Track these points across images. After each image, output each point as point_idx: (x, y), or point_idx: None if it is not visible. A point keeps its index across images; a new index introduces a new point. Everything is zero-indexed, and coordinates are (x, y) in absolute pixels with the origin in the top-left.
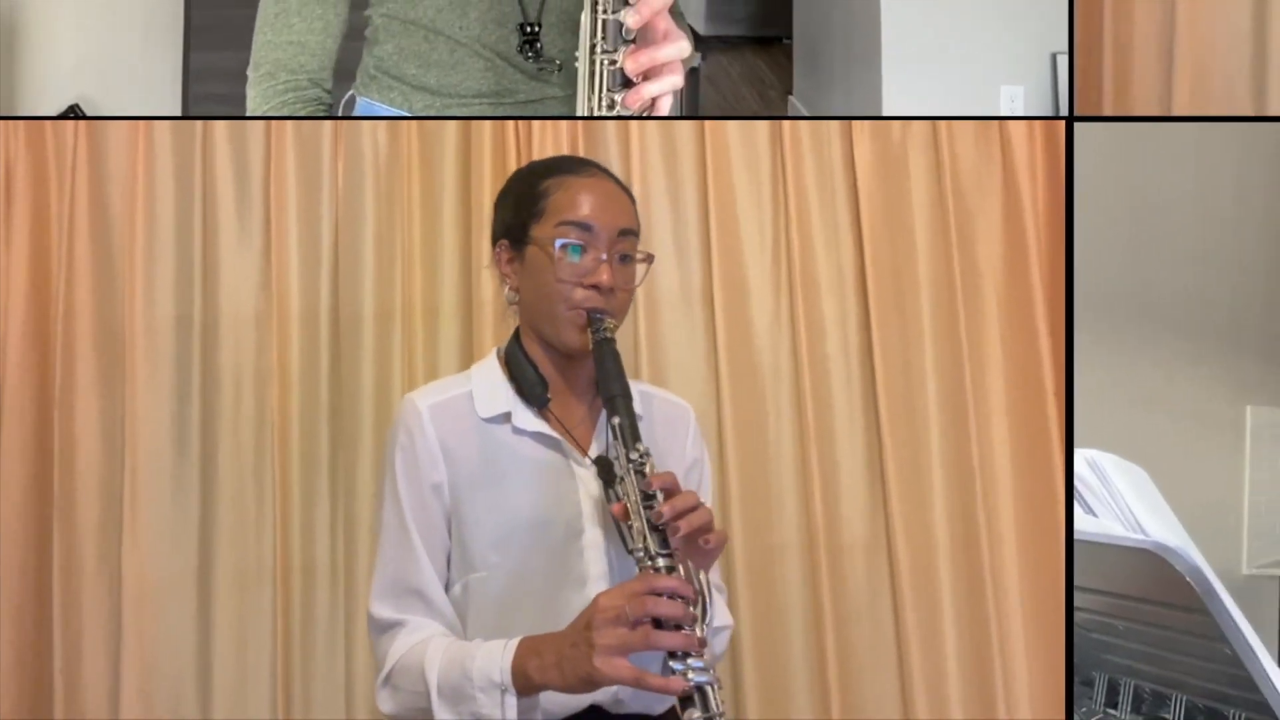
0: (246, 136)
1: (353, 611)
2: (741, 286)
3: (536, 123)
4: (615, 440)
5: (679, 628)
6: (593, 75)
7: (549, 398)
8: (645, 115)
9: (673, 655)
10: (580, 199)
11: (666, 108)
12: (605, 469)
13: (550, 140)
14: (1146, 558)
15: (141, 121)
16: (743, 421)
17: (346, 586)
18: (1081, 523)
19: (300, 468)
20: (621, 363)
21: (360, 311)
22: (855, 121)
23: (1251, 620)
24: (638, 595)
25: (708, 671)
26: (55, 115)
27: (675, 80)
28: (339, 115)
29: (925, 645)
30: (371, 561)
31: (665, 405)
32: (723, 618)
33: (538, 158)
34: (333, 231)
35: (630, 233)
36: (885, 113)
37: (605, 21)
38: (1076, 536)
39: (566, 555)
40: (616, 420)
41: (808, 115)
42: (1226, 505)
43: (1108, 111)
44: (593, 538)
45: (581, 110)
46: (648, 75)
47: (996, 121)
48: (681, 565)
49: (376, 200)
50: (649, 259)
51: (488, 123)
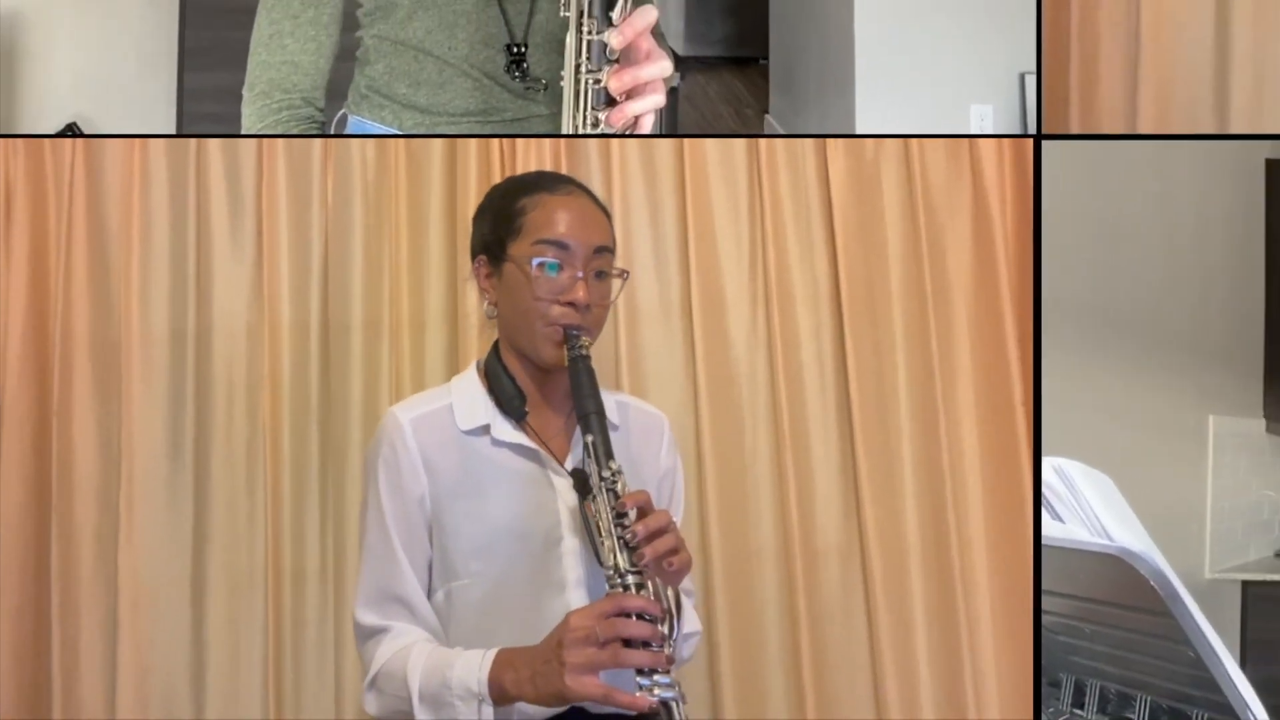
0: (239, 154)
1: (341, 614)
2: (719, 299)
3: (520, 140)
4: (589, 458)
5: (647, 645)
6: (578, 94)
7: (527, 411)
8: (629, 133)
9: (640, 671)
10: (556, 217)
11: (649, 125)
12: (581, 481)
13: (534, 157)
14: (1112, 562)
15: (137, 140)
16: (720, 430)
17: (336, 590)
18: (1049, 528)
19: (291, 474)
20: (596, 380)
21: (349, 323)
22: (829, 139)
23: (1214, 623)
24: (607, 616)
25: (673, 688)
26: (54, 134)
27: (658, 99)
28: (332, 133)
29: (897, 647)
30: (358, 569)
31: (640, 415)
32: (692, 624)
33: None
34: (322, 246)
35: (606, 249)
36: (858, 131)
37: (590, 42)
38: (1044, 542)
39: (546, 562)
40: (590, 438)
41: (783, 133)
42: (1189, 511)
43: (1074, 130)
44: (571, 545)
45: (567, 128)
46: (631, 94)
47: (966, 140)
48: (650, 583)
49: (365, 215)
50: (624, 275)
51: (473, 140)
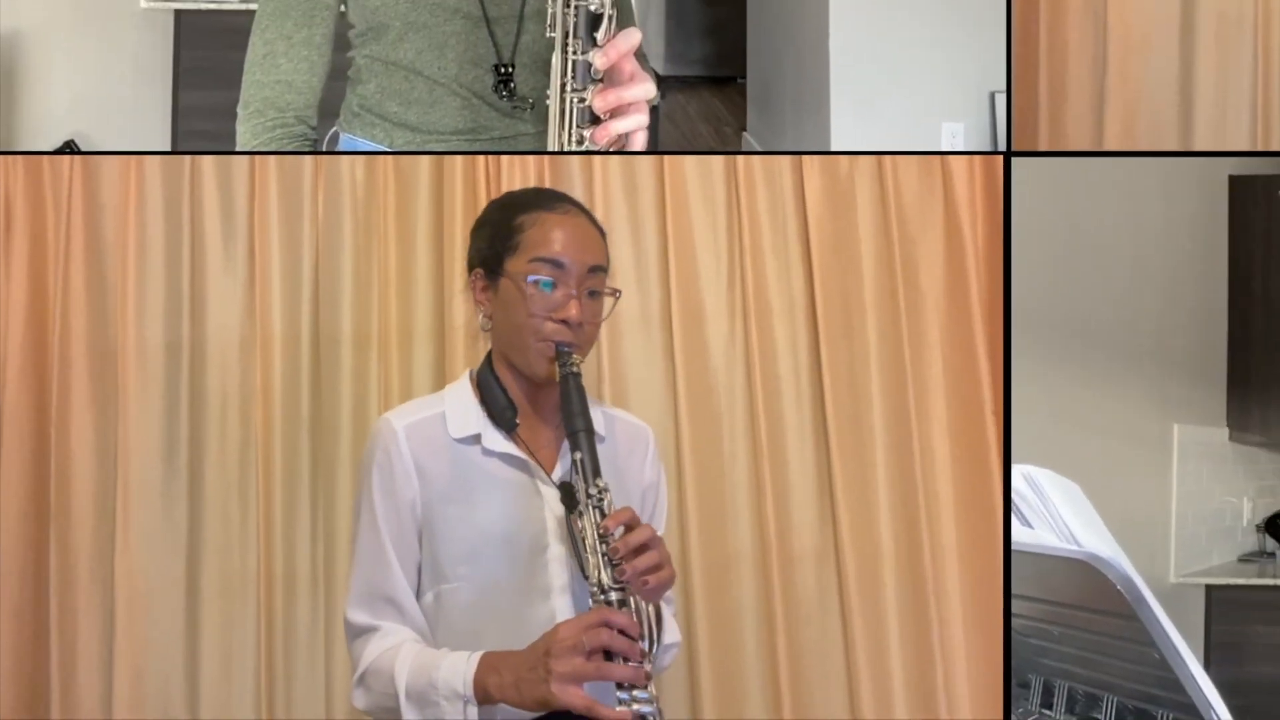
0: (232, 171)
1: (332, 617)
2: (698, 312)
3: (505, 157)
4: (576, 475)
5: (628, 660)
6: (563, 113)
7: (518, 422)
8: (614, 150)
9: (620, 686)
10: (553, 236)
11: (641, 143)
12: (568, 495)
13: (519, 174)
14: (1080, 567)
15: (133, 156)
16: (699, 438)
17: (326, 594)
18: (1018, 534)
19: (282, 482)
20: (586, 398)
21: (339, 335)
22: (805, 157)
23: (1178, 626)
24: (594, 627)
25: (652, 703)
26: (52, 150)
27: (641, 118)
28: (324, 150)
29: (871, 648)
30: (349, 570)
31: (626, 427)
32: (672, 635)
33: (507, 190)
34: (313, 260)
35: (600, 269)
36: (834, 148)
37: (575, 62)
38: (1014, 547)
39: (532, 568)
40: (578, 456)
41: (761, 151)
42: (1155, 518)
43: (1043, 147)
44: (556, 552)
45: (553, 145)
46: (615, 113)
47: (938, 157)
48: (632, 599)
49: (354, 231)
50: (616, 294)
51: (459, 157)
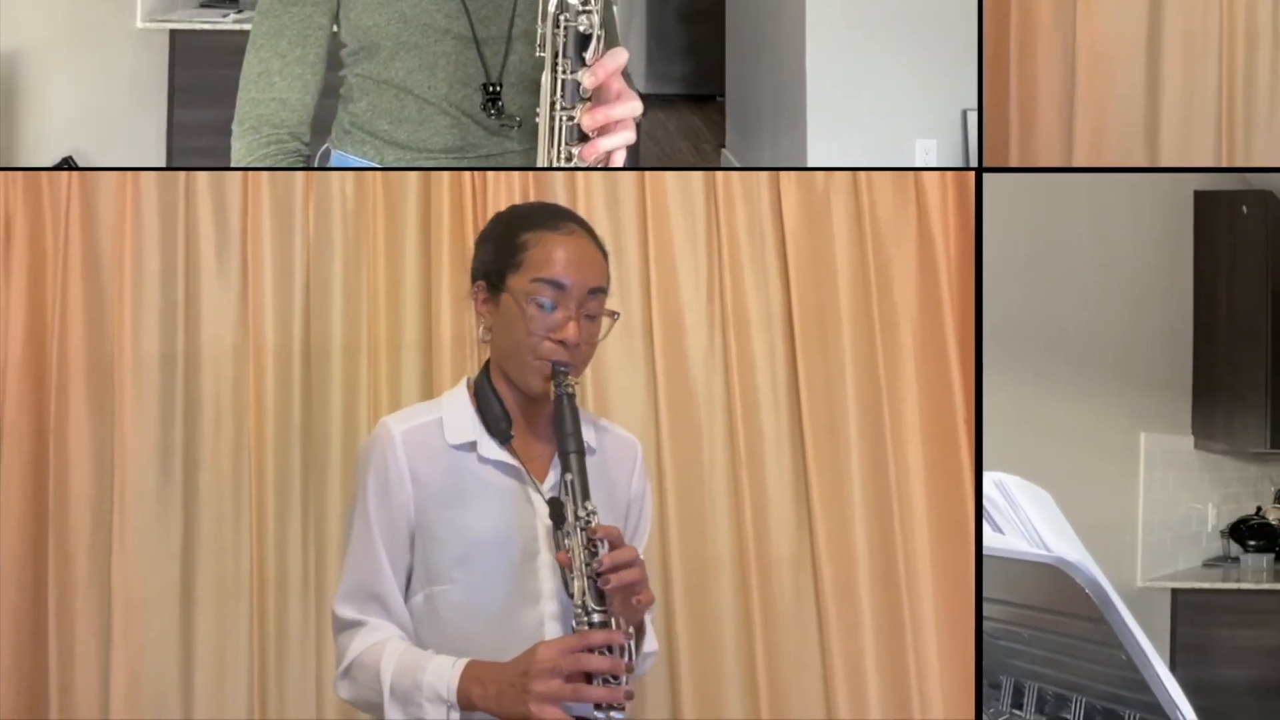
0: (225, 186)
1: (323, 620)
2: (679, 323)
3: (492, 174)
4: (566, 495)
5: (606, 680)
6: (552, 131)
7: (512, 434)
8: (596, 167)
9: (598, 705)
10: (556, 256)
11: (621, 160)
12: (556, 511)
13: (504, 190)
14: (1049, 571)
15: (129, 173)
16: (679, 446)
17: (317, 596)
18: (990, 539)
19: (274, 489)
20: (579, 418)
21: (329, 346)
22: (782, 173)
23: (1145, 629)
24: (573, 652)
25: None
26: (51, 167)
27: (628, 136)
28: (315, 166)
29: (846, 651)
30: (339, 575)
31: (616, 440)
32: (650, 644)
33: (492, 206)
34: (304, 274)
35: (600, 290)
36: (810, 165)
37: (564, 81)
38: (985, 552)
39: (522, 573)
40: (569, 477)
41: (739, 167)
42: (1122, 523)
43: (1014, 163)
44: (546, 559)
45: (542, 162)
46: (603, 131)
47: (912, 173)
48: (614, 620)
49: (344, 245)
50: (614, 316)
51: (446, 174)
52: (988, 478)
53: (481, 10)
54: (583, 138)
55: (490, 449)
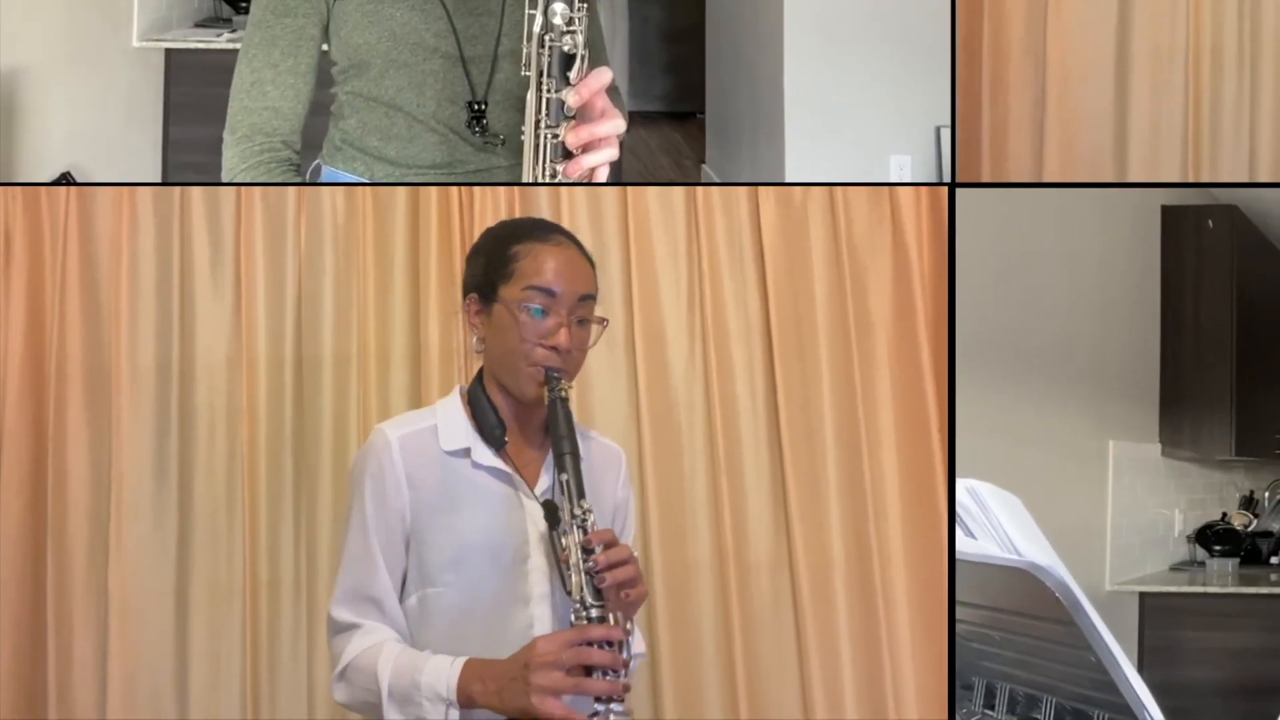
0: (219, 201)
1: (314, 623)
2: (660, 334)
3: (478, 189)
4: (562, 495)
5: (604, 674)
6: (537, 148)
7: (506, 440)
8: (580, 182)
9: (597, 698)
10: (546, 265)
11: (604, 176)
12: (551, 512)
13: (490, 205)
14: (1020, 575)
15: (126, 188)
16: (661, 454)
17: (308, 600)
18: (962, 544)
19: (266, 495)
20: (573, 422)
21: (320, 356)
22: (761, 188)
23: (1113, 631)
24: (572, 645)
25: (627, 715)
26: (49, 182)
27: (611, 153)
28: (306, 182)
29: (823, 652)
30: (330, 579)
31: (601, 448)
32: (638, 646)
33: (479, 221)
34: (296, 286)
35: (589, 297)
36: (788, 180)
37: (549, 100)
38: (958, 556)
39: (513, 577)
40: (565, 477)
41: (719, 182)
42: (1091, 528)
43: (986, 178)
44: (537, 563)
45: (527, 178)
46: (586, 148)
47: (886, 188)
48: (612, 615)
49: (335, 258)
50: (604, 323)
51: (434, 189)
52: (960, 484)
53: (469, 30)
54: (567, 155)
55: (484, 455)
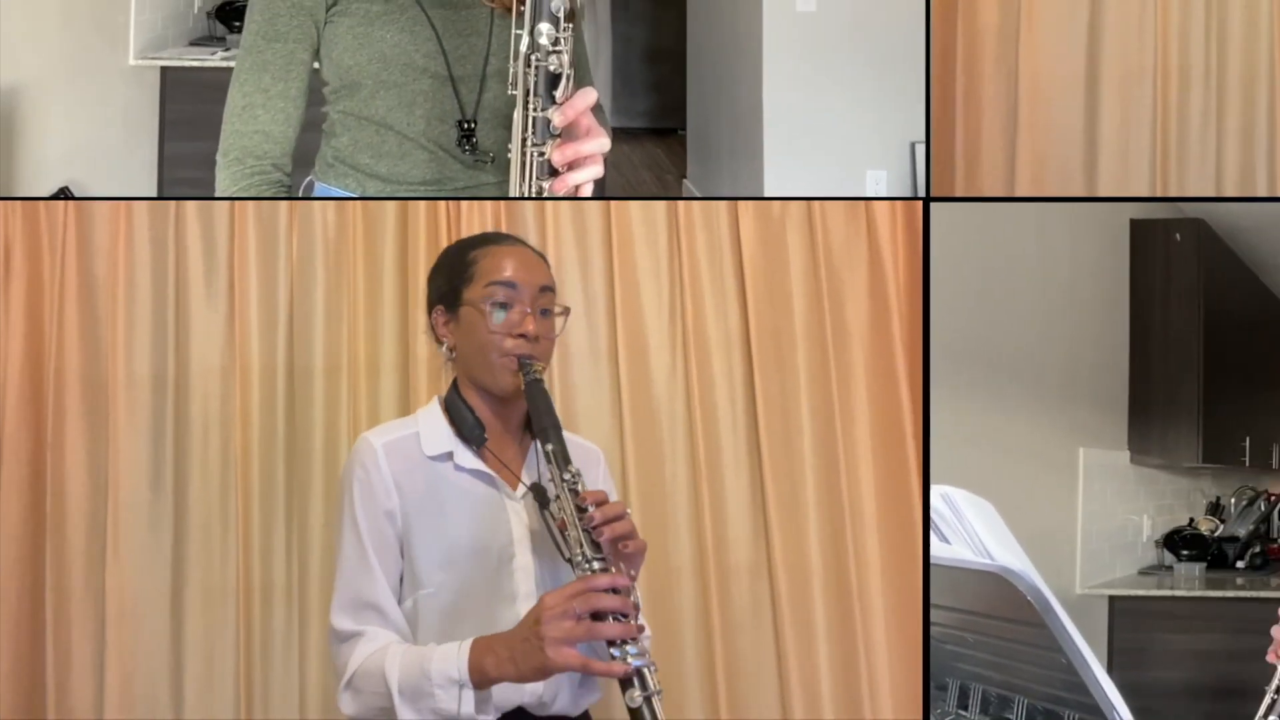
0: (214, 215)
1: (305, 626)
2: (642, 345)
3: (465, 203)
4: (550, 464)
5: (616, 619)
6: (524, 165)
7: (486, 438)
8: (565, 196)
9: (612, 643)
10: (504, 263)
11: (589, 192)
12: (540, 494)
13: (477, 219)
14: (993, 579)
15: (123, 202)
16: (643, 461)
17: (300, 604)
18: (936, 549)
19: (259, 501)
20: (550, 399)
21: (311, 367)
22: (740, 202)
23: (1083, 634)
24: (578, 595)
25: (644, 656)
26: (48, 196)
27: (596, 170)
28: (299, 196)
29: (801, 654)
30: (322, 583)
31: (578, 449)
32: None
33: (466, 234)
34: (288, 297)
35: (549, 289)
36: (767, 194)
37: (535, 119)
38: (932, 561)
39: (499, 576)
40: (550, 447)
41: (700, 196)
42: (1062, 534)
43: (960, 193)
44: (522, 561)
45: (514, 195)
46: (572, 166)
47: (863, 202)
48: (614, 566)
49: (326, 271)
50: (566, 312)
51: (422, 203)
52: (935, 490)
53: (458, 50)
54: (553, 172)
55: (466, 458)
